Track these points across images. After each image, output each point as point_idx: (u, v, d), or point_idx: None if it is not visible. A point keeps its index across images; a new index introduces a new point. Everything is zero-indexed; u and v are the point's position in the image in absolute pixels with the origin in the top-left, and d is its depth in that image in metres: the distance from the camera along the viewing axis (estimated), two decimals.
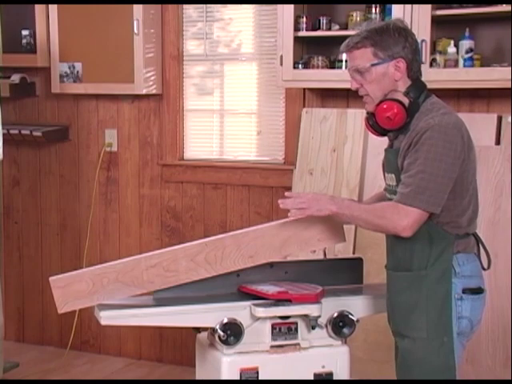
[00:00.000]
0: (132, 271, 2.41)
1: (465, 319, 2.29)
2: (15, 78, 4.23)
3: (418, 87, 2.32)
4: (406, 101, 2.30)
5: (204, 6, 4.01)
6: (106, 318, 2.36)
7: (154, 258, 2.44)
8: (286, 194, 2.43)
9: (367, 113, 2.40)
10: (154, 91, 4.06)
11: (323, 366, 2.48)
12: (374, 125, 2.36)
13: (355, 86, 2.36)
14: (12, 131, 4.18)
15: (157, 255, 2.45)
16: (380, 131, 2.38)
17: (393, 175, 2.34)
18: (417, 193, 2.18)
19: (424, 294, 2.27)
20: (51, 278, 2.39)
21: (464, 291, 2.28)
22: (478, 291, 2.32)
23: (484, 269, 2.36)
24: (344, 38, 3.46)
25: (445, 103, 2.36)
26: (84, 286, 2.38)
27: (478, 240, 2.37)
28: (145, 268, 2.42)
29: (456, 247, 2.27)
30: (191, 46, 4.11)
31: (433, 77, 3.21)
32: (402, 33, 2.30)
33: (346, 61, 3.46)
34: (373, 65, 2.29)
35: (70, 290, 2.38)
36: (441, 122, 2.21)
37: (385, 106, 2.29)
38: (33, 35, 4.20)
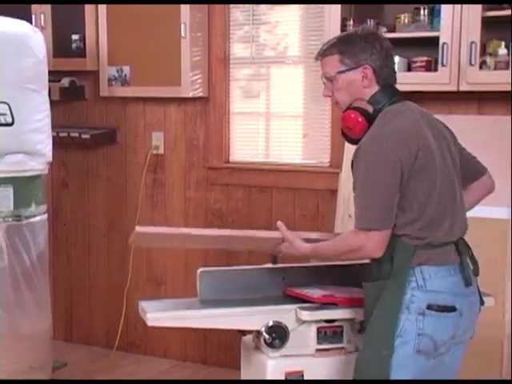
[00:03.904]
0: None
1: (426, 337, 2.17)
2: (65, 81, 4.29)
3: (385, 94, 2.27)
4: (370, 108, 2.25)
5: (251, 9, 4.01)
6: (153, 319, 2.37)
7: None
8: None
9: None
10: (200, 94, 4.08)
11: None
12: (343, 134, 2.34)
13: (326, 93, 2.34)
14: (61, 134, 4.24)
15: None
16: (351, 141, 2.34)
17: None
18: (366, 214, 2.14)
19: (382, 305, 2.18)
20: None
21: (429, 307, 2.16)
22: (447, 309, 2.18)
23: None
24: (392, 40, 3.44)
25: (407, 107, 2.28)
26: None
27: (460, 253, 2.25)
28: None
29: (417, 258, 2.18)
30: (238, 49, 4.13)
31: (483, 79, 3.16)
32: (370, 39, 2.27)
33: None
34: (339, 72, 2.27)
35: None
36: (375, 135, 2.17)
37: (345, 115, 2.27)
38: (82, 39, 4.26)
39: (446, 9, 3.20)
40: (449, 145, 2.32)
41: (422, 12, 3.34)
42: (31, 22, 3.99)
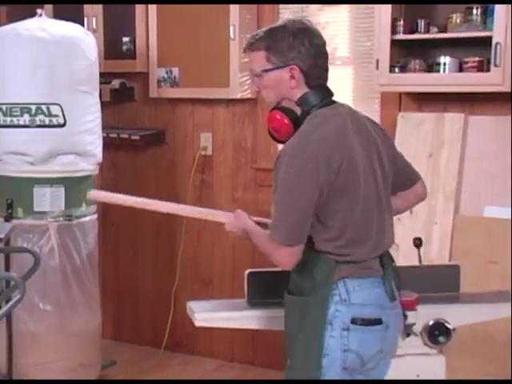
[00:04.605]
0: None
1: (352, 353, 2.06)
2: (115, 83, 4.34)
3: (314, 96, 2.11)
4: (298, 110, 2.12)
5: (300, 10, 4.01)
6: (201, 319, 2.39)
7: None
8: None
9: None
10: (248, 95, 4.09)
11: (418, 375, 2.43)
12: (270, 134, 2.23)
13: (255, 88, 2.25)
14: (111, 135, 4.29)
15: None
16: (279, 141, 2.22)
17: None
18: (278, 227, 2.04)
19: (306, 322, 2.08)
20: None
21: (353, 321, 2.05)
22: (372, 322, 2.08)
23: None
24: (443, 40, 3.41)
25: (337, 112, 2.12)
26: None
27: (384, 266, 2.15)
28: None
29: (339, 272, 2.07)
30: None
31: None
32: (299, 35, 2.09)
33: (444, 64, 3.40)
34: (264, 71, 2.11)
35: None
36: (297, 145, 2.03)
37: (270, 116, 2.16)
38: (133, 41, 4.31)
39: (499, 8, 3.15)
40: (379, 153, 2.16)
41: (474, 11, 3.29)
42: (83, 25, 4.07)
